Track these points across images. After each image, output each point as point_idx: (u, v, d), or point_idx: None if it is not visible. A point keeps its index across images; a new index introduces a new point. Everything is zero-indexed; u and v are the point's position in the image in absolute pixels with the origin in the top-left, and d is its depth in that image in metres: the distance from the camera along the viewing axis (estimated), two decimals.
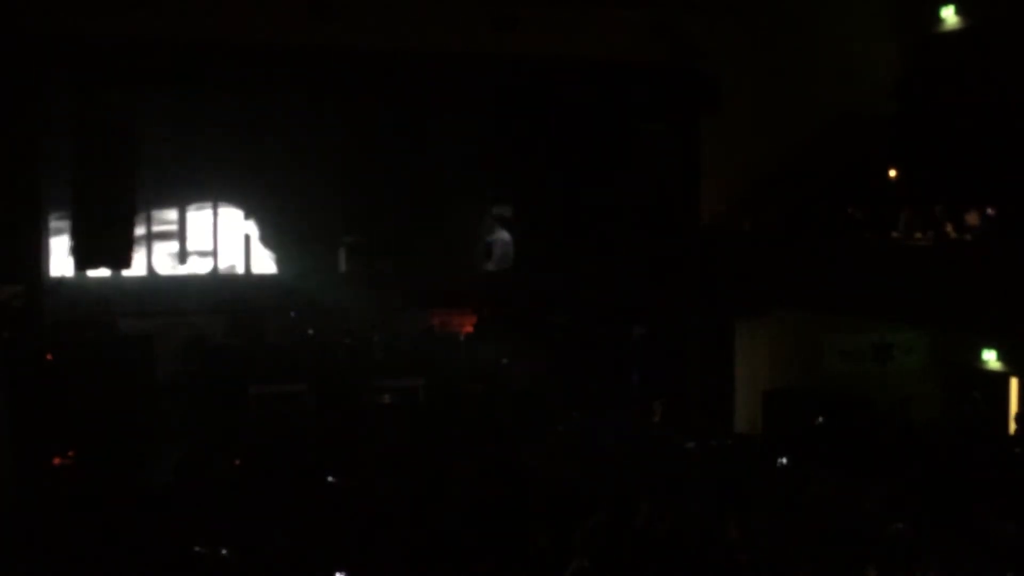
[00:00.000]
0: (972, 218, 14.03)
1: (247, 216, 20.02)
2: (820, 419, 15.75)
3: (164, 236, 19.46)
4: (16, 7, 14.13)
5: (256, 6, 15.09)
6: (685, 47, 16.80)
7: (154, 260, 19.34)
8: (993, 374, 16.76)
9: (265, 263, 20.22)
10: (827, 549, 10.70)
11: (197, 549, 10.05)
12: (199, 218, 19.72)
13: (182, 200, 19.59)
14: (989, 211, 13.74)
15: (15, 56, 14.14)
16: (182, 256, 19.64)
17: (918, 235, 14.49)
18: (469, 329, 19.98)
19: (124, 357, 16.63)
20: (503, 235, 20.43)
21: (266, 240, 20.10)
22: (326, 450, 14.39)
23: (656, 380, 17.79)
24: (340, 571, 9.83)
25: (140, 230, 16.12)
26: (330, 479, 12.66)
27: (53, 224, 17.67)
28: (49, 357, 15.86)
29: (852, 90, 17.53)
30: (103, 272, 17.06)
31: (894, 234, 14.80)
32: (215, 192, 19.78)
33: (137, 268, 17.12)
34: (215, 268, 19.87)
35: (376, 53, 15.79)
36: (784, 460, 13.83)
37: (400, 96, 18.52)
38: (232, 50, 15.15)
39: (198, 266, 19.73)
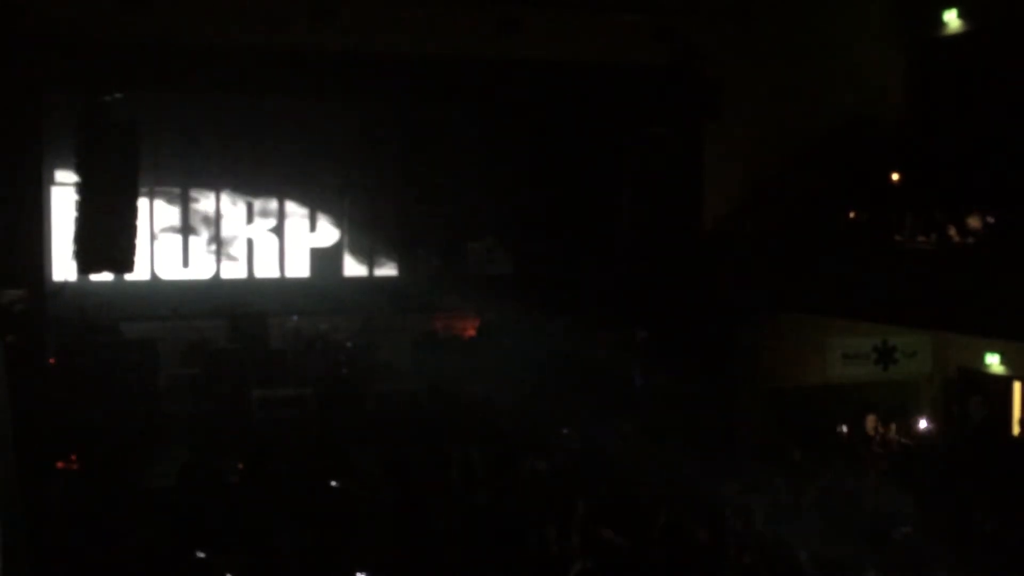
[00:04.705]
0: (975, 221, 14.04)
1: (250, 219, 20.04)
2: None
3: (167, 240, 19.47)
4: (19, 9, 14.14)
5: (258, 9, 15.11)
6: (687, 51, 16.80)
7: (157, 264, 19.35)
8: (996, 378, 16.76)
9: (268, 267, 20.23)
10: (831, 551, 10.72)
11: (200, 555, 10.05)
12: (202, 221, 19.72)
13: (185, 203, 19.61)
14: (989, 219, 13.77)
15: (17, 58, 14.14)
16: (185, 260, 19.65)
17: (921, 238, 14.49)
18: (472, 333, 19.98)
19: (127, 361, 16.63)
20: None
21: (269, 243, 20.12)
22: (329, 454, 14.38)
23: (659, 383, 17.77)
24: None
25: (143, 234, 16.10)
26: (333, 483, 12.67)
27: (55, 228, 17.66)
28: (52, 361, 15.86)
29: (854, 93, 17.55)
30: (106, 276, 17.06)
31: (897, 237, 14.80)
32: (218, 195, 19.80)
33: (140, 272, 17.10)
34: (218, 272, 19.88)
35: (378, 56, 15.80)
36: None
37: (402, 99, 18.56)
38: (235, 53, 15.16)
39: (201, 270, 19.74)
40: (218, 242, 19.82)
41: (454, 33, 15.83)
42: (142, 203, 15.88)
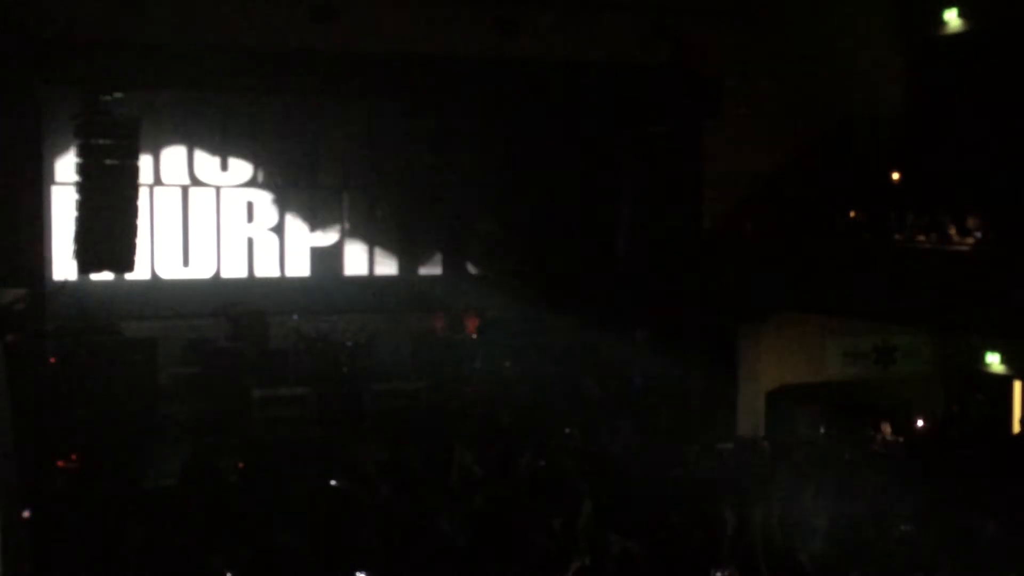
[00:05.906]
0: (974, 221, 14.05)
1: (250, 219, 20.03)
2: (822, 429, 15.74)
3: (167, 239, 19.45)
4: (18, 8, 14.15)
5: (258, 10, 15.12)
6: (687, 50, 16.82)
7: (157, 263, 19.34)
8: (996, 377, 16.77)
9: (268, 266, 20.21)
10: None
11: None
12: (202, 220, 19.71)
13: (185, 202, 19.59)
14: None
15: (18, 58, 14.15)
16: (185, 259, 19.64)
17: (921, 238, 14.50)
18: (472, 332, 19.98)
19: (127, 360, 16.61)
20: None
21: (270, 242, 20.11)
22: (329, 453, 14.38)
23: (659, 383, 17.78)
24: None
25: (143, 233, 16.09)
26: (333, 483, 12.68)
27: (56, 228, 17.66)
28: (52, 361, 15.86)
29: (854, 92, 17.56)
30: (106, 276, 17.05)
31: (897, 237, 14.82)
32: (219, 194, 19.79)
33: (140, 271, 17.08)
34: (218, 271, 19.87)
35: (378, 56, 15.81)
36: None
37: (402, 99, 18.56)
38: (235, 53, 15.17)
39: (201, 269, 19.73)
40: (218, 241, 19.80)
41: (454, 33, 15.84)
42: (142, 202, 15.85)
